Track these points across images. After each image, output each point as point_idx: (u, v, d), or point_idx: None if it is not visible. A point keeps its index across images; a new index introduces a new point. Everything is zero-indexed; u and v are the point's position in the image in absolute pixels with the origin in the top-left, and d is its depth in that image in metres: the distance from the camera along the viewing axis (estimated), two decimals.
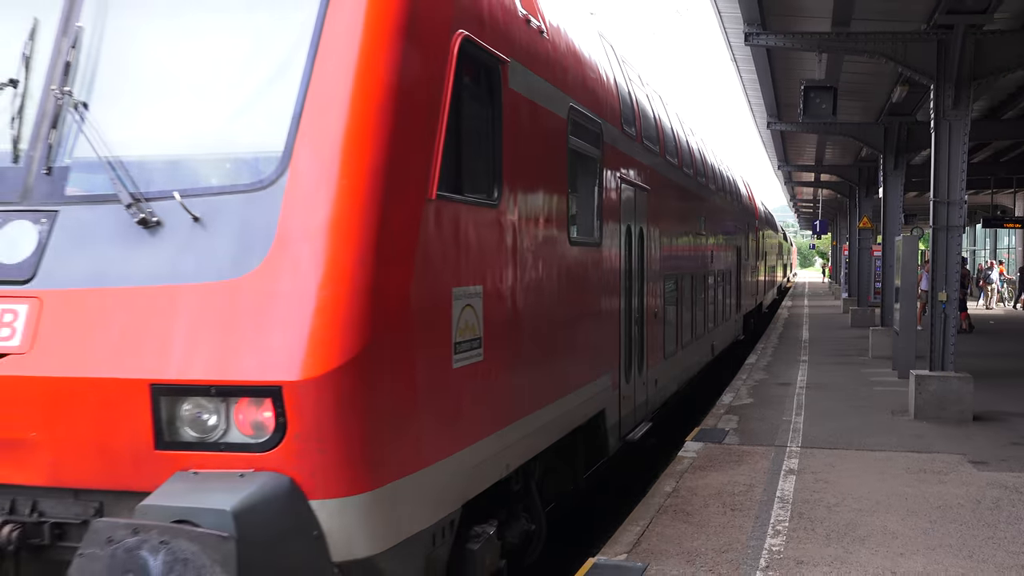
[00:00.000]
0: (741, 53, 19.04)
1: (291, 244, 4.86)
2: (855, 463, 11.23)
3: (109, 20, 5.51)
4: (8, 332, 4.94)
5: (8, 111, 5.37)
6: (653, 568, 7.47)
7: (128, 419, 4.83)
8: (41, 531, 4.94)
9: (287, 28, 5.29)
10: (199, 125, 5.36)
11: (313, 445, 4.74)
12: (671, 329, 13.76)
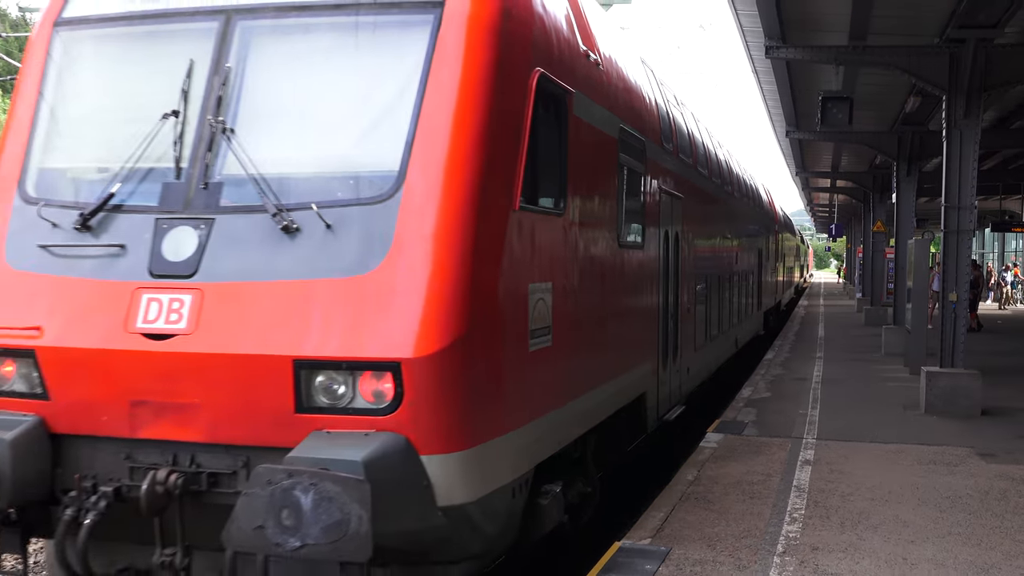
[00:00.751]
0: (762, 65, 18.95)
1: (406, 247, 5.58)
2: (868, 455, 11.16)
3: (251, 61, 6.25)
4: (176, 317, 5.68)
5: (171, 136, 6.10)
6: (676, 552, 7.46)
7: (273, 388, 5.56)
8: (199, 479, 5.67)
9: (401, 68, 5.98)
10: (329, 148, 6.07)
11: (423, 410, 5.46)
12: (700, 323, 14.18)
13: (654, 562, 7.20)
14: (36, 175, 6.47)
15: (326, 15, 6.20)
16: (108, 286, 5.86)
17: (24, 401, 5.95)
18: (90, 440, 5.87)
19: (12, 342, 5.93)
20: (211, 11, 6.35)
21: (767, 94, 22.77)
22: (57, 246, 6.09)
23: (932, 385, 14.17)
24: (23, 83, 6.73)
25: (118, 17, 6.59)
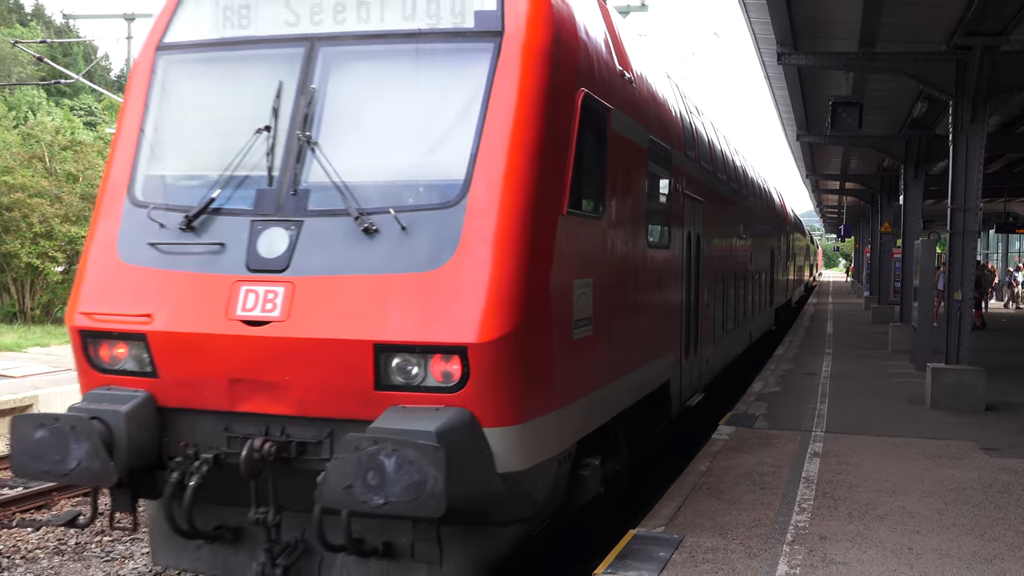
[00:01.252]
0: (774, 71, 18.87)
1: (471, 247, 6.11)
2: (875, 448, 11.10)
3: (332, 83, 6.78)
4: (271, 306, 6.23)
5: (263, 148, 6.67)
6: (689, 540, 7.44)
7: (356, 368, 6.11)
8: (289, 448, 6.27)
9: (466, 90, 6.52)
10: (402, 160, 6.61)
11: (486, 389, 6.02)
12: (718, 318, 14.54)
13: (668, 549, 7.19)
14: (143, 182, 6.99)
15: (398, 43, 6.73)
16: (210, 279, 6.43)
17: (135, 379, 6.56)
18: (193, 413, 6.48)
19: (125, 327, 6.52)
20: (296, 38, 6.91)
21: (779, 99, 22.68)
22: (164, 244, 6.64)
23: (937, 381, 14.08)
24: (129, 100, 7.29)
25: (213, 43, 7.16)
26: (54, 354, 18.50)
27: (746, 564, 6.93)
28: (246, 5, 7.10)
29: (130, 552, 9.46)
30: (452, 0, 6.70)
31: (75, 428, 6.08)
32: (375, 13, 6.79)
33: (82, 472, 6.10)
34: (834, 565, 6.93)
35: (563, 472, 7.07)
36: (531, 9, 6.59)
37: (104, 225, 6.90)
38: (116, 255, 6.75)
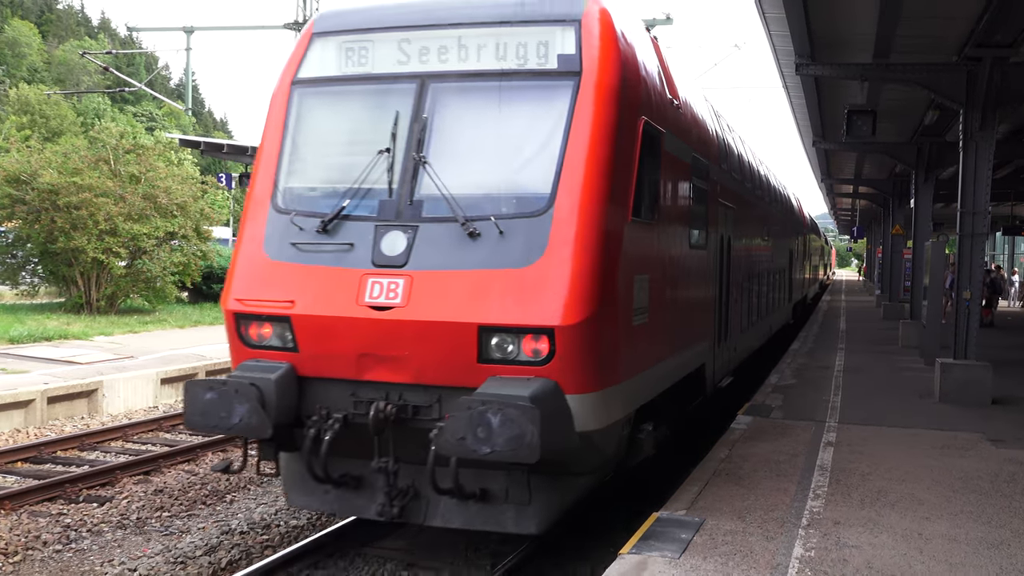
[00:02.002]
0: (792, 81, 18.70)
1: (556, 249, 6.95)
2: (886, 438, 11.00)
3: (439, 112, 7.63)
4: (393, 295, 7.07)
5: (384, 166, 7.55)
6: (709, 523, 7.40)
7: (462, 345, 6.95)
8: (406, 410, 7.16)
9: (550, 119, 7.37)
10: (499, 176, 7.44)
11: (568, 363, 6.86)
12: (744, 311, 15.11)
13: (689, 531, 7.16)
14: (283, 193, 7.89)
15: (494, 80, 7.61)
16: (343, 272, 7.31)
17: (279, 353, 7.49)
18: (326, 381, 7.39)
19: (272, 311, 7.44)
20: (410, 75, 7.80)
21: (796, 107, 22.49)
22: (304, 243, 7.53)
23: (946, 375, 13.93)
24: (268, 126, 8.21)
25: (339, 78, 8.11)
26: (117, 342, 18.71)
27: (763, 546, 6.89)
28: (365, 47, 8.03)
29: (187, 527, 9.55)
30: (537, 44, 7.58)
31: (238, 391, 7.08)
32: (473, 55, 7.69)
33: (244, 426, 7.11)
34: (847, 548, 6.88)
35: (625, 434, 8.07)
36: (602, 53, 7.43)
37: (251, 228, 7.84)
38: (263, 252, 7.68)
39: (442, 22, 7.85)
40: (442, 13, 7.90)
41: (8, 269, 24.28)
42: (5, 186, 22.65)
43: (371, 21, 8.11)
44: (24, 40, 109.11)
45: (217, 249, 26.91)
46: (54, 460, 11.96)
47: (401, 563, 8.31)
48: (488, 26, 7.71)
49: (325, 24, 8.28)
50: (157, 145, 28.34)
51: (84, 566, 8.42)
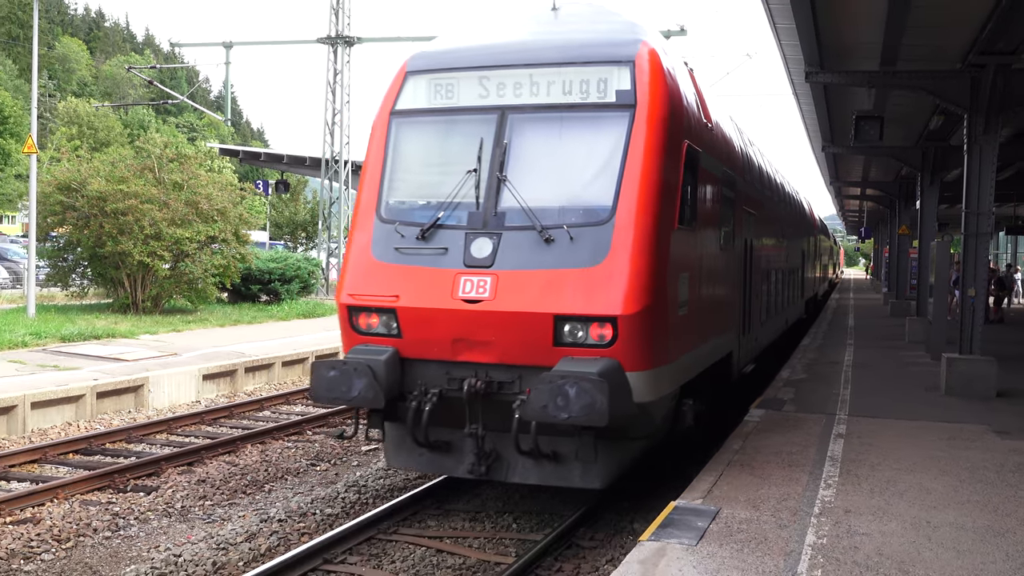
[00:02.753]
0: (802, 88, 18.58)
1: (617, 252, 7.90)
2: (894, 430, 10.89)
3: (516, 138, 8.58)
4: (482, 290, 8.02)
5: (472, 183, 8.50)
6: (724, 512, 7.36)
7: (540, 331, 7.91)
8: (492, 386, 8.13)
9: (610, 144, 8.30)
10: (568, 191, 8.34)
11: (628, 345, 7.82)
12: (764, 305, 15.76)
13: (705, 520, 7.12)
14: (386, 205, 8.84)
15: (564, 111, 8.58)
16: (439, 272, 8.27)
17: (385, 339, 8.47)
18: (424, 362, 8.36)
19: (379, 304, 8.44)
20: (491, 107, 8.75)
21: (806, 113, 22.35)
22: (405, 248, 8.49)
23: (952, 370, 13.79)
24: (371, 149, 9.17)
25: (431, 110, 9.05)
26: (161, 341, 18.83)
27: (777, 534, 6.83)
28: (451, 84, 8.97)
29: (228, 515, 9.59)
30: (598, 81, 8.51)
31: (356, 369, 8.08)
32: (543, 90, 8.66)
33: (361, 398, 8.11)
34: (858, 536, 6.81)
35: (671, 406, 9.04)
36: (652, 88, 8.36)
37: (359, 236, 8.81)
38: (370, 255, 8.65)
39: (516, 63, 8.81)
40: (515, 55, 8.88)
41: (60, 272, 24.49)
42: (57, 194, 22.84)
43: (455, 62, 9.08)
44: (73, 56, 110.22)
45: (255, 252, 27.03)
46: (103, 452, 12.05)
47: (430, 549, 8.31)
48: (555, 66, 8.67)
49: (416, 64, 9.26)
50: (198, 154, 28.51)
51: (132, 552, 8.48)
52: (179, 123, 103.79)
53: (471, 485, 10.15)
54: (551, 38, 9.00)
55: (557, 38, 8.97)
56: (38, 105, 23.99)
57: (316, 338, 20.79)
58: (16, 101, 64.79)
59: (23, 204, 56.33)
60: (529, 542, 8.42)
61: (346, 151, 34.30)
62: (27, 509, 9.50)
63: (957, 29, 13.40)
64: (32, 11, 22.66)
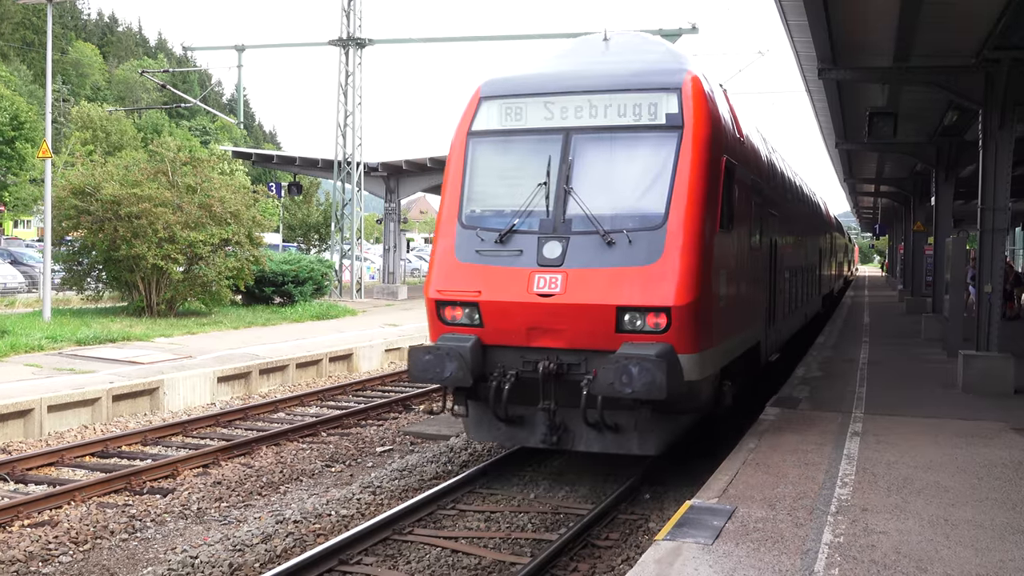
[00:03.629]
0: (815, 85, 18.49)
1: (669, 253, 9.10)
2: (911, 428, 10.83)
3: (579, 155, 9.83)
4: (554, 285, 9.25)
5: (542, 194, 9.72)
6: (740, 511, 7.33)
7: (604, 320, 9.12)
8: (562, 367, 9.36)
9: (661, 160, 9.54)
10: (626, 200, 9.55)
11: (680, 332, 9.03)
12: (787, 300, 16.72)
13: (721, 518, 7.09)
14: (466, 214, 10.06)
15: (621, 132, 9.80)
16: (516, 270, 9.48)
17: (468, 328, 9.68)
18: (502, 348, 9.57)
19: (464, 298, 9.65)
20: (557, 128, 9.98)
21: (819, 110, 22.25)
22: (485, 250, 9.72)
23: (969, 367, 13.70)
24: (451, 165, 10.36)
25: (503, 131, 10.29)
26: (176, 343, 18.91)
27: (793, 532, 6.81)
28: (520, 108, 10.21)
29: (244, 517, 9.63)
30: (649, 105, 9.72)
31: (448, 354, 9.30)
32: (601, 113, 9.86)
33: (453, 379, 9.38)
34: (875, 534, 6.78)
35: (714, 385, 10.19)
36: (696, 111, 9.56)
37: (443, 240, 10.04)
38: (454, 257, 9.86)
39: (577, 89, 10.00)
40: (576, 82, 10.07)
41: (75, 276, 24.60)
42: (71, 198, 22.95)
43: (523, 88, 10.31)
44: (87, 61, 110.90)
45: (268, 254, 27.11)
46: (119, 454, 12.11)
47: (445, 549, 8.32)
48: (612, 92, 9.86)
49: (489, 90, 10.46)
50: (211, 157, 28.65)
51: (149, 553, 8.52)
52: (192, 126, 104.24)
53: (483, 485, 10.15)
54: (607, 67, 10.26)
55: (612, 67, 10.23)
56: (52, 110, 24.11)
57: (330, 339, 20.85)
58: (31, 106, 65.17)
59: (38, 208, 56.71)
60: (544, 542, 8.42)
61: (358, 153, 34.35)
62: (45, 512, 9.56)
63: (970, 24, 13.32)
64: (46, 17, 22.77)
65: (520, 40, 34.56)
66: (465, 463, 11.54)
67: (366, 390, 17.54)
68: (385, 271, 37.03)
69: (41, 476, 10.97)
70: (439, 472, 11.07)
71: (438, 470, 11.16)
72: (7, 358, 16.11)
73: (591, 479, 10.60)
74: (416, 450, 12.73)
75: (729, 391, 10.63)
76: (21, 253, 37.25)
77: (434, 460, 11.62)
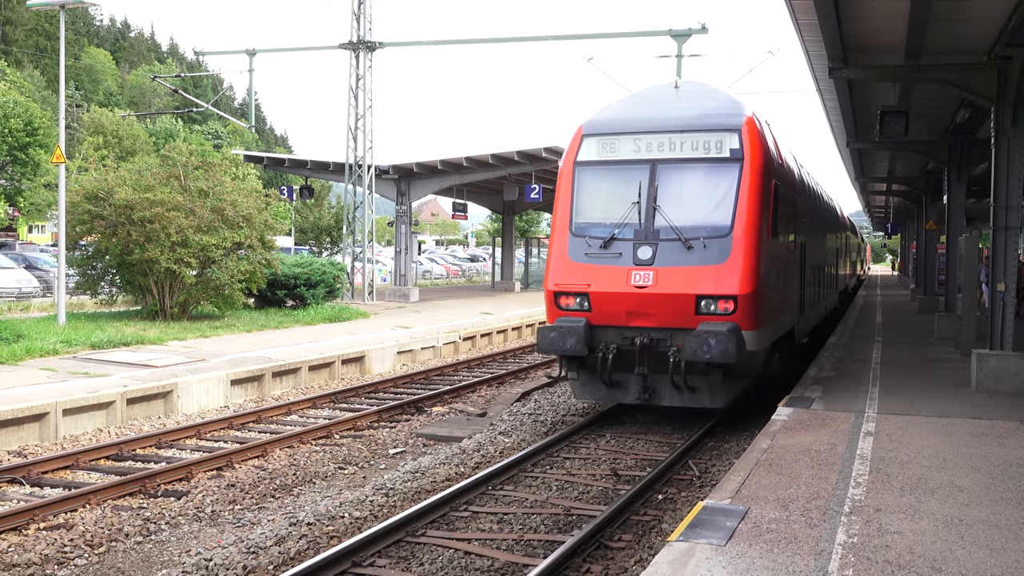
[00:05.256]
0: (825, 84, 18.39)
1: (735, 255, 11.84)
2: (924, 427, 10.78)
3: (662, 180, 12.56)
4: (647, 280, 12.02)
5: (635, 211, 12.48)
6: (753, 511, 7.31)
7: (686, 305, 11.89)
8: (653, 342, 12.16)
9: (726, 184, 12.31)
10: (700, 215, 12.25)
11: (743, 314, 11.78)
12: (813, 293, 19.21)
13: (734, 519, 7.07)
14: (576, 224, 12.88)
15: (695, 163, 12.58)
16: (617, 268, 12.29)
17: (579, 313, 12.48)
18: (606, 327, 12.39)
19: (576, 289, 12.46)
20: (645, 160, 12.76)
21: (830, 109, 22.14)
22: (592, 253, 12.54)
23: (982, 365, 13.61)
24: (561, 187, 13.17)
25: (602, 161, 13.08)
26: (190, 347, 18.97)
27: (807, 533, 6.78)
28: (614, 143, 12.94)
29: (258, 519, 9.65)
30: (716, 142, 12.46)
31: (568, 331, 12.15)
32: (679, 147, 12.62)
33: (572, 349, 12.18)
34: (889, 535, 6.74)
35: (765, 356, 13.16)
36: (752, 147, 12.40)
37: (558, 245, 12.85)
38: (567, 258, 12.68)
39: (659, 129, 12.73)
40: (657, 124, 12.82)
41: (89, 280, 24.70)
42: (85, 203, 23.05)
43: (616, 128, 13.06)
44: (100, 66, 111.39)
45: (280, 257, 27.16)
46: (134, 457, 12.16)
47: (458, 551, 8.32)
48: (687, 132, 12.60)
49: (589, 130, 13.22)
50: (223, 161, 28.68)
51: (164, 556, 8.55)
52: (204, 131, 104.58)
53: (497, 486, 10.14)
54: (680, 112, 12.98)
55: (684, 112, 12.94)
56: (66, 115, 24.20)
57: (342, 342, 20.88)
58: (44, 112, 65.50)
59: (52, 214, 56.98)
60: (558, 543, 8.41)
61: (369, 155, 34.39)
62: (60, 515, 9.61)
63: (982, 21, 13.24)
64: (59, 23, 22.87)
65: (529, 42, 34.51)
66: (478, 464, 11.55)
67: (378, 392, 17.57)
68: (397, 273, 37.04)
69: (57, 479, 11.02)
70: (451, 474, 11.08)
71: (450, 472, 11.16)
72: (23, 362, 16.19)
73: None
74: (429, 452, 12.74)
75: (776, 361, 13.88)
76: (36, 258, 37.43)
77: (447, 462, 11.63)
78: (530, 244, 52.16)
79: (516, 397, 16.67)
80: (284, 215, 61.48)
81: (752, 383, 13.22)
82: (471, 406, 16.34)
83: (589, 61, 27.72)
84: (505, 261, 46.41)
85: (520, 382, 19.15)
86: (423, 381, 19.17)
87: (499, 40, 35.21)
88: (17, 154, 59.65)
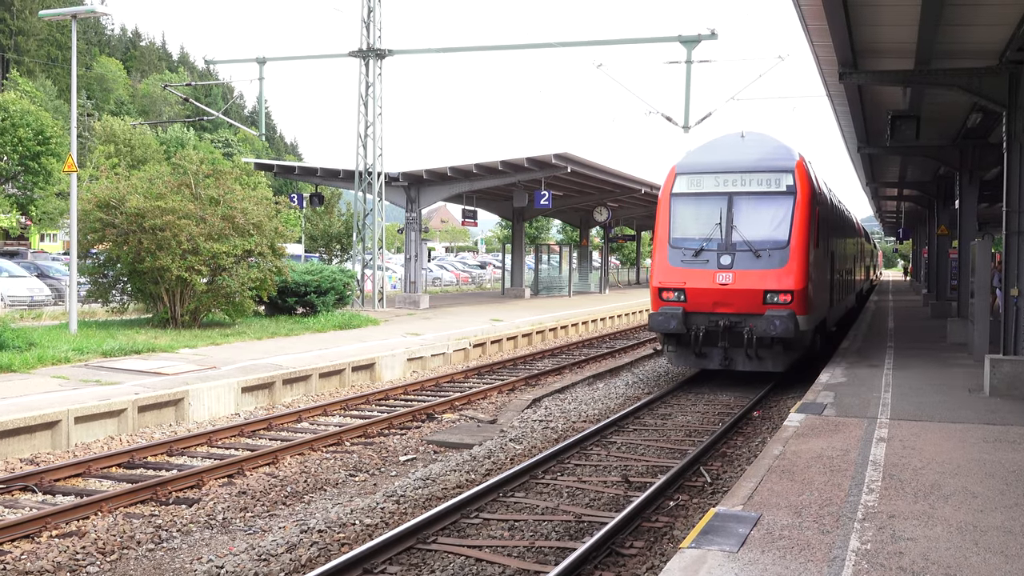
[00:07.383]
0: (836, 89, 18.42)
1: (791, 262, 16.41)
2: (937, 433, 10.73)
3: (737, 208, 16.98)
4: (728, 279, 16.57)
5: (719, 231, 16.95)
6: (766, 518, 7.28)
7: (756, 298, 16.41)
8: (732, 324, 16.64)
9: (784, 211, 16.70)
10: (765, 232, 16.72)
11: (798, 303, 16.26)
12: (838, 292, 23.33)
13: (746, 526, 7.05)
14: (673, 239, 17.14)
15: (762, 196, 16.91)
16: (706, 271, 16.64)
17: (677, 303, 16.81)
18: (696, 313, 16.74)
19: (675, 285, 16.86)
20: (724, 192, 17.11)
21: (840, 114, 22.15)
22: (687, 259, 16.85)
23: (995, 371, 13.56)
24: (660, 212, 17.60)
25: (691, 193, 17.39)
26: (201, 354, 19.02)
27: (820, 540, 6.75)
28: (700, 179, 17.38)
29: (269, 526, 9.66)
30: (776, 179, 16.89)
31: (672, 316, 16.62)
32: (748, 183, 17.00)
33: (675, 328, 16.61)
34: (903, 541, 6.71)
35: (812, 336, 17.36)
36: (801, 183, 16.78)
37: (660, 253, 17.27)
38: (668, 263, 17.06)
39: (733, 170, 17.14)
40: (732, 165, 17.20)
41: (100, 288, 24.79)
42: (96, 211, 23.14)
43: (701, 168, 17.51)
44: (111, 76, 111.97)
45: (291, 265, 27.21)
46: (145, 465, 12.19)
47: (469, 558, 8.31)
48: (754, 172, 17.00)
49: (681, 168, 17.63)
50: (234, 169, 28.77)
51: (175, 564, 8.56)
52: (215, 139, 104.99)
53: (508, 493, 10.13)
54: (747, 156, 17.30)
55: (750, 156, 17.28)
56: (77, 125, 24.33)
57: (353, 349, 20.91)
58: (56, 121, 65.86)
59: (64, 222, 57.20)
60: (569, 550, 8.39)
61: (379, 163, 34.47)
62: (72, 522, 9.63)
63: (993, 26, 13.22)
64: (70, 33, 23.01)
65: (538, 49, 34.55)
66: (488, 471, 11.54)
67: (389, 399, 17.58)
68: (407, 280, 37.07)
69: (69, 487, 11.05)
70: (462, 481, 11.07)
71: (461, 479, 11.16)
72: (35, 370, 16.26)
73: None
74: (439, 459, 12.74)
75: (818, 341, 18.59)
76: (48, 266, 37.57)
77: (457, 469, 11.62)
78: (540, 251, 52.18)
79: (527, 404, 16.68)
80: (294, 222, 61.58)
81: (801, 355, 17.32)
82: (481, 413, 16.34)
83: (598, 67, 27.69)
84: (515, 268, 46.40)
85: (531, 389, 19.14)
86: (433, 388, 19.17)
87: (508, 47, 35.23)
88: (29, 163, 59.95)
